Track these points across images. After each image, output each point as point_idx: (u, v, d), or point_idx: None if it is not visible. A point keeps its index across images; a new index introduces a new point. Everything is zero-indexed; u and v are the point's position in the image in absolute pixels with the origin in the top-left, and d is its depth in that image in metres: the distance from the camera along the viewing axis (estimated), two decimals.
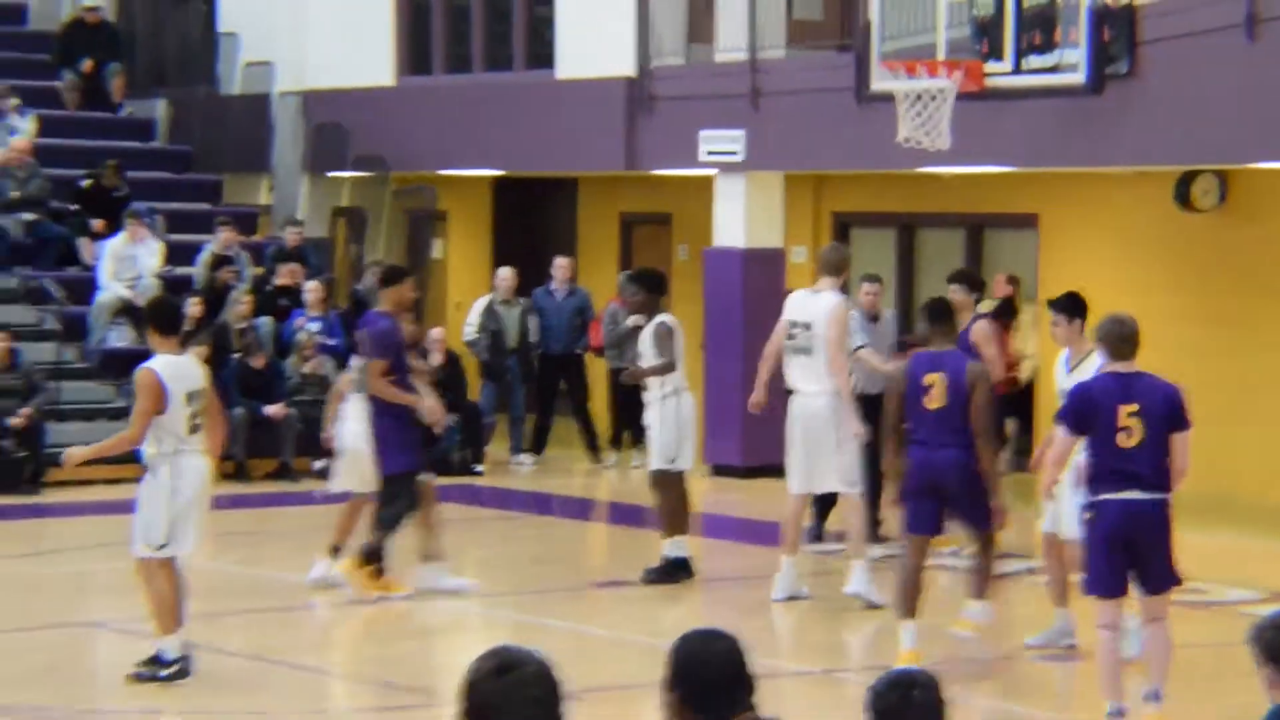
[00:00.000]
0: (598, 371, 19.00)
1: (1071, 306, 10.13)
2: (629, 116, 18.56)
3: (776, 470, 17.35)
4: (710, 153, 17.95)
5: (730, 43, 17.82)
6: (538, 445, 18.79)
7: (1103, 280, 17.47)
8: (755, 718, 4.31)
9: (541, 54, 19.65)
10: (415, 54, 20.88)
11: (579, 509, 17.12)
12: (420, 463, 11.89)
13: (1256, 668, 5.06)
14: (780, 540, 11.91)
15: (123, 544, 14.43)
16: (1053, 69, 14.46)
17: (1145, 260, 17.33)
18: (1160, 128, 14.84)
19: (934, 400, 9.80)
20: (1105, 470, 8.48)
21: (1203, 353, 16.72)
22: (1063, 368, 10.12)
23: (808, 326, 11.60)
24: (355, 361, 12.38)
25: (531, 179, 21.80)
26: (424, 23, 20.96)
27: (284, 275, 19.06)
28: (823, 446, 11.58)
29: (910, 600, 9.87)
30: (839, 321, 11.60)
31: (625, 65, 18.62)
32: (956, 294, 13.05)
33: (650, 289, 12.42)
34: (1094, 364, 9.46)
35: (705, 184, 18.37)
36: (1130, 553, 8.53)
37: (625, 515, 16.70)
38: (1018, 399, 17.72)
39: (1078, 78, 14.28)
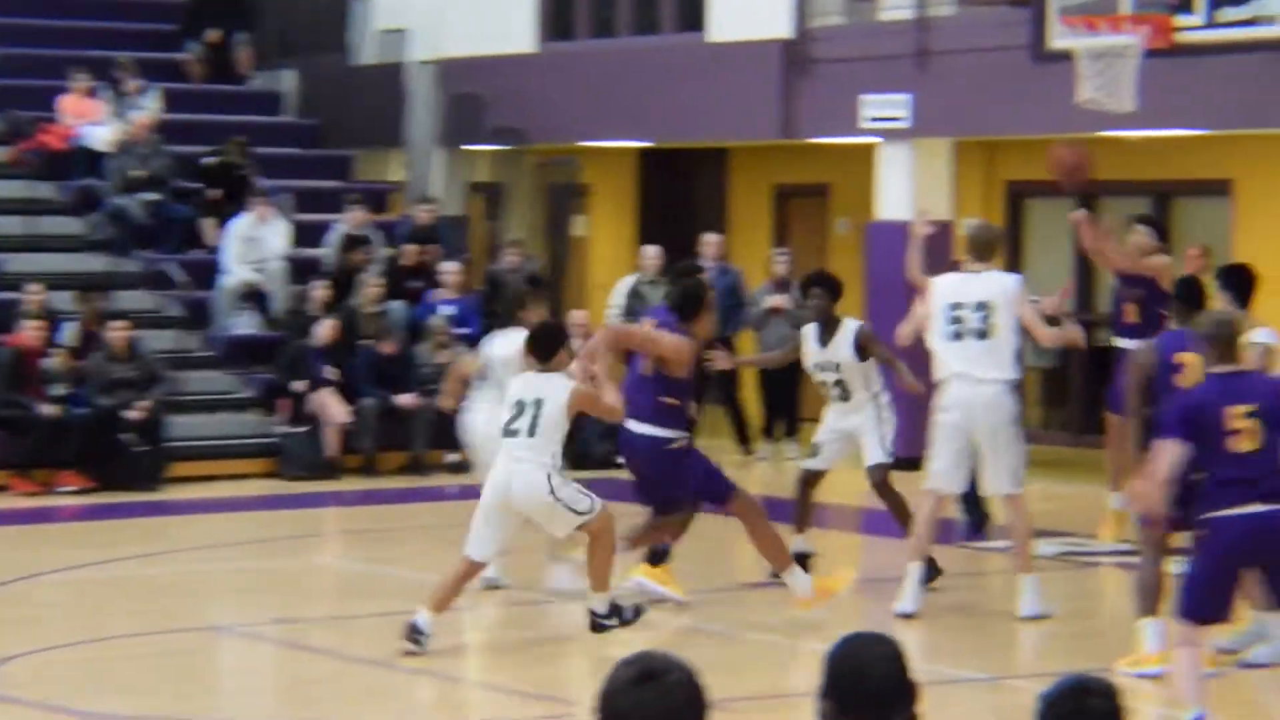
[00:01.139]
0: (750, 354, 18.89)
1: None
2: (785, 81, 18.46)
3: None
4: (873, 119, 17.81)
5: (895, 0, 17.68)
6: None
7: None
8: None
9: (691, 16, 19.60)
10: (558, 18, 20.89)
11: None
12: None
13: None
14: (915, 544, 11.75)
15: (246, 543, 14.59)
16: (1250, 21, 14.21)
17: None
18: None
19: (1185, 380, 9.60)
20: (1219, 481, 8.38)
21: None
22: None
23: (981, 307, 11.38)
24: (491, 349, 12.39)
25: (680, 150, 21.76)
26: None
27: (410, 255, 19.13)
28: (998, 440, 11.39)
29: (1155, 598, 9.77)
30: (1025, 299, 11.44)
31: (781, 26, 18.51)
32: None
33: (834, 294, 12.63)
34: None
35: (866, 152, 18.22)
36: (1256, 569, 8.60)
37: (778, 510, 16.58)
38: None
39: (1277, 31, 14.05)
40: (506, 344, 12.09)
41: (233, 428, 17.83)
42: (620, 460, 11.83)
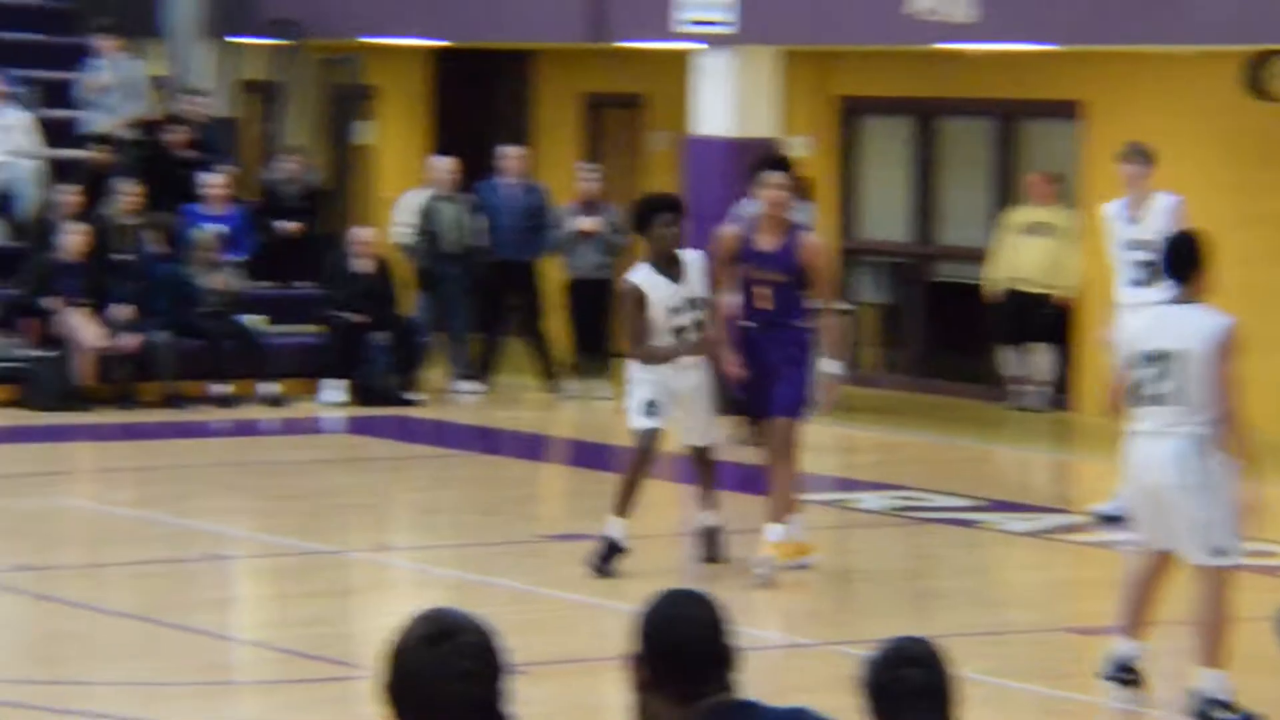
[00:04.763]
0: (556, 282, 18.94)
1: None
2: None
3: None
4: (691, 22, 17.87)
5: None
6: (484, 370, 18.76)
7: (1158, 180, 17.48)
8: (731, 699, 4.28)
9: None
10: None
11: (531, 447, 17.12)
12: None
13: None
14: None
15: None
16: None
17: (1209, 157, 17.32)
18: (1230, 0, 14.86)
19: None
20: None
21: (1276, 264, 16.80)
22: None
23: None
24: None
25: (478, 50, 21.66)
26: None
27: (177, 142, 18.94)
28: None
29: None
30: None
31: None
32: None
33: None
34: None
35: (685, 60, 18.28)
36: None
37: (586, 455, 16.70)
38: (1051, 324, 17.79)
39: None
40: None
41: None
42: None
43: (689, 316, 11.47)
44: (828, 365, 11.59)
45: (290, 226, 19.10)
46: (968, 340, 18.60)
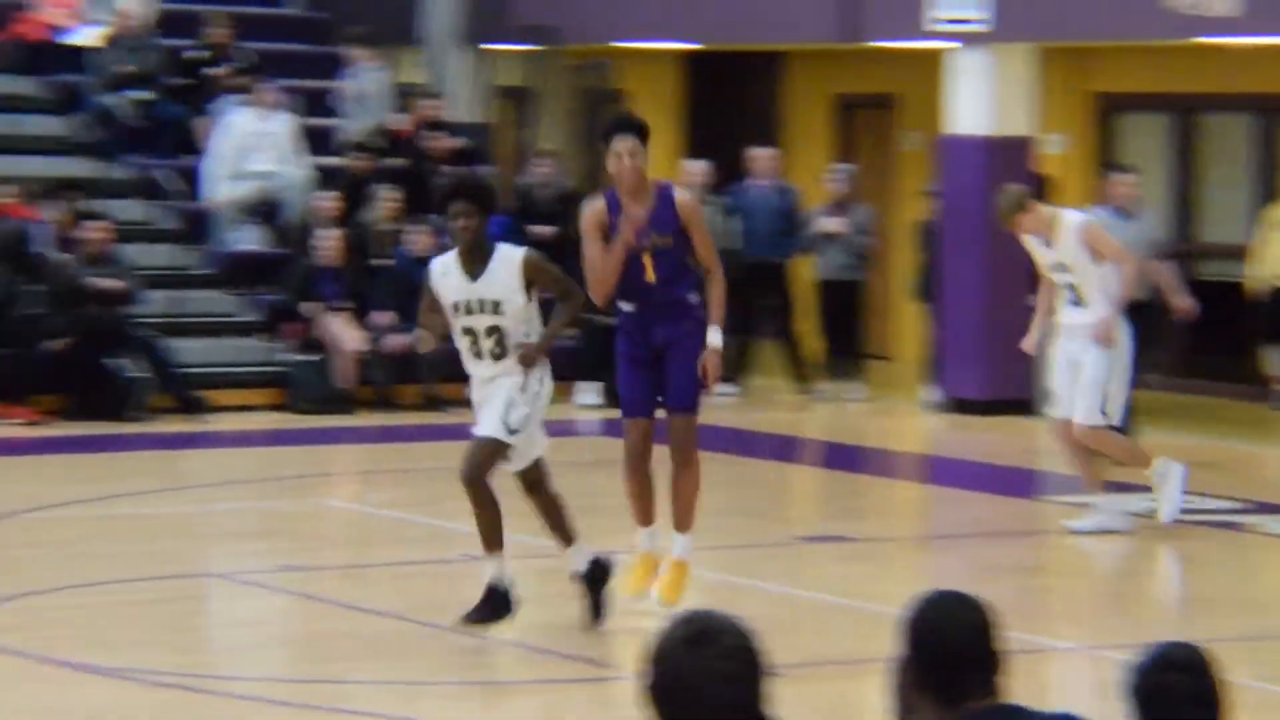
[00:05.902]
0: (806, 283, 18.93)
1: None
2: None
3: (1023, 405, 17.22)
4: (945, 21, 17.74)
5: None
6: (736, 372, 18.77)
7: None
8: (997, 704, 4.23)
9: None
10: None
11: (784, 448, 17.09)
12: None
13: None
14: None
15: (250, 482, 14.71)
16: None
17: None
18: None
19: None
20: None
21: None
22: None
23: None
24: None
25: (729, 53, 21.69)
26: None
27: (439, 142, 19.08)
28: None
29: None
30: None
31: None
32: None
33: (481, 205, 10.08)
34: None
35: (938, 59, 18.16)
36: None
37: (838, 456, 16.64)
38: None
39: None
40: None
41: (234, 354, 17.92)
42: None
43: (484, 321, 9.88)
44: (713, 336, 10.04)
45: (544, 231, 19.23)
46: (1229, 339, 18.25)
